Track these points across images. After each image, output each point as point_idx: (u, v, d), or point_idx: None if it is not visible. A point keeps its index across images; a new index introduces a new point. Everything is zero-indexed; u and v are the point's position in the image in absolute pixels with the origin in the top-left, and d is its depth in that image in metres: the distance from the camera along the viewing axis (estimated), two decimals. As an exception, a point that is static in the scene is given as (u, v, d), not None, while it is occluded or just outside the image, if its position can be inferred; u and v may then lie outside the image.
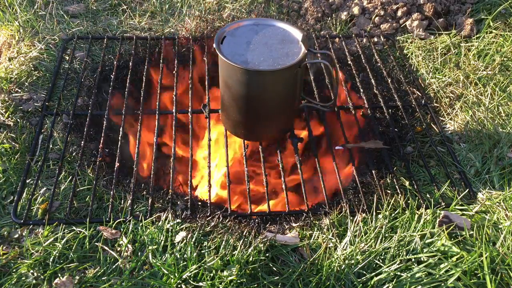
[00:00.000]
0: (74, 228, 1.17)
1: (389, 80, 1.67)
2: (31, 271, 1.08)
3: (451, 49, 1.75)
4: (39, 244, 1.13)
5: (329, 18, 1.95)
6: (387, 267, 1.07)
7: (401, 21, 1.90)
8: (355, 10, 1.93)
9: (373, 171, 1.35)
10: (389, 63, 1.77)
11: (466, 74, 1.65)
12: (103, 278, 1.06)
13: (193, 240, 1.13)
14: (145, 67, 1.66)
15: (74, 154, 1.39)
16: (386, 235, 1.15)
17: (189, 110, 1.53)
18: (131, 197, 1.26)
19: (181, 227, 1.17)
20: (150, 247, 1.11)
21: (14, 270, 1.08)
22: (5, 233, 1.17)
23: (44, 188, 1.28)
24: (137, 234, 1.16)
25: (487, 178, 1.34)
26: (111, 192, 1.27)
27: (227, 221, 1.22)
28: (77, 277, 1.07)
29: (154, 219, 1.20)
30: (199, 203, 1.30)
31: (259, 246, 1.11)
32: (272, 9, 1.97)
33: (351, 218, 1.20)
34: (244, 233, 1.16)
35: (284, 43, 1.25)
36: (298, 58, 1.20)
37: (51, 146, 1.40)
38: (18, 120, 1.46)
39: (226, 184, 1.30)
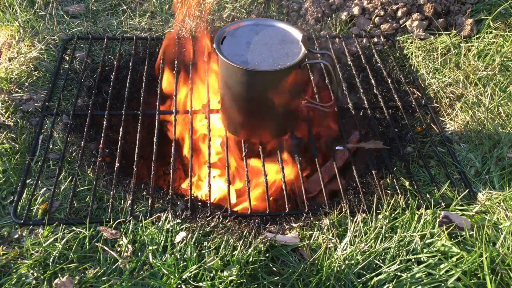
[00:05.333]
0: (74, 228, 1.17)
1: (389, 80, 1.67)
2: (31, 271, 1.08)
3: (451, 49, 1.75)
4: (39, 244, 1.13)
5: (329, 18, 1.95)
6: (387, 267, 1.07)
7: (401, 21, 1.90)
8: (355, 10, 1.93)
9: (373, 171, 1.35)
10: (389, 63, 1.77)
11: (466, 74, 1.65)
12: (103, 279, 1.06)
13: (193, 240, 1.13)
14: (145, 67, 1.67)
15: (74, 154, 1.39)
16: (386, 235, 1.15)
17: (189, 110, 1.53)
18: (131, 197, 1.26)
19: (181, 227, 1.17)
20: (150, 247, 1.11)
21: (14, 271, 1.08)
22: (5, 233, 1.17)
23: (44, 188, 1.28)
24: (137, 234, 1.16)
25: (487, 179, 1.34)
26: (111, 192, 1.27)
27: (227, 221, 1.22)
28: (77, 277, 1.07)
29: (154, 219, 1.20)
30: (199, 203, 1.30)
31: (259, 247, 1.11)
32: (272, 9, 1.97)
33: (351, 218, 1.20)
34: (244, 233, 1.16)
35: (284, 44, 1.25)
36: (298, 58, 1.20)
37: (51, 146, 1.40)
38: (18, 120, 1.46)
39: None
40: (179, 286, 1.05)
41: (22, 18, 1.81)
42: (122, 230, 1.17)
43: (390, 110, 1.58)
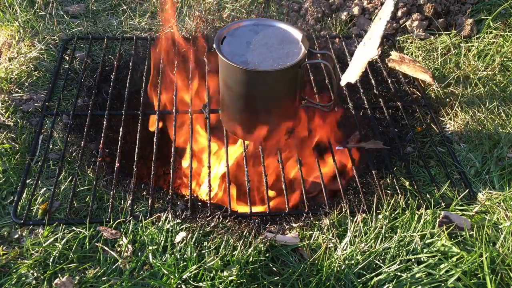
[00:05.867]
0: (74, 228, 1.17)
1: (389, 80, 1.67)
2: (31, 271, 1.08)
3: (451, 49, 1.75)
4: (39, 244, 1.13)
5: (329, 19, 1.95)
6: (387, 267, 1.07)
7: (401, 21, 1.90)
8: (355, 10, 1.93)
9: (373, 171, 1.35)
10: (389, 63, 1.77)
11: (466, 74, 1.65)
12: (103, 279, 1.07)
13: (193, 240, 1.13)
14: (145, 67, 1.67)
15: (74, 154, 1.39)
16: (386, 235, 1.15)
17: (189, 110, 1.53)
18: (131, 197, 1.26)
19: (181, 227, 1.17)
20: (150, 247, 1.11)
21: (14, 271, 1.08)
22: (5, 233, 1.17)
23: (44, 189, 1.28)
24: (137, 234, 1.16)
25: (487, 179, 1.34)
26: (111, 193, 1.27)
27: (227, 221, 1.22)
28: (77, 277, 1.07)
29: (154, 219, 1.20)
30: (199, 203, 1.30)
31: (259, 247, 1.11)
32: (272, 9, 1.97)
33: (351, 218, 1.20)
34: (244, 233, 1.16)
35: (284, 44, 1.25)
36: (298, 58, 1.20)
37: (51, 146, 1.40)
38: (18, 120, 1.46)
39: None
40: (179, 286, 1.05)
41: (22, 18, 1.81)
42: (122, 230, 1.17)
43: (390, 110, 1.58)
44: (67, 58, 1.71)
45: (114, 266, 1.09)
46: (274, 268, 1.09)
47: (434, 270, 1.07)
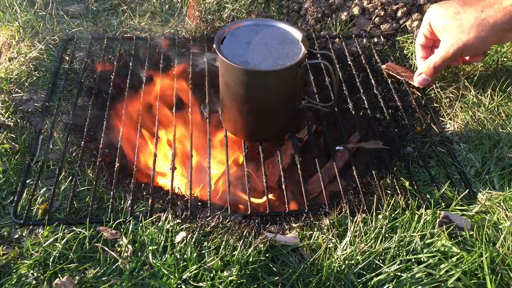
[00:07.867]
0: (74, 228, 1.17)
1: (389, 81, 1.67)
2: (31, 271, 1.08)
3: (451, 50, 1.75)
4: (39, 244, 1.13)
5: (329, 19, 1.95)
6: (387, 267, 1.07)
7: (401, 22, 1.90)
8: (355, 10, 1.93)
9: (373, 171, 1.35)
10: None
11: (466, 75, 1.65)
12: (103, 279, 1.06)
13: (193, 240, 1.13)
14: (145, 67, 1.67)
15: (74, 154, 1.39)
16: (386, 235, 1.15)
17: (189, 110, 1.53)
18: (131, 198, 1.26)
19: (181, 227, 1.17)
20: (150, 248, 1.11)
21: (14, 271, 1.08)
22: (5, 233, 1.17)
23: (44, 189, 1.28)
24: (137, 234, 1.16)
25: (487, 179, 1.34)
26: (111, 193, 1.27)
27: (227, 221, 1.22)
28: (77, 278, 1.07)
29: (154, 219, 1.20)
30: (199, 203, 1.30)
31: (259, 247, 1.11)
32: (272, 9, 1.97)
33: (351, 218, 1.20)
34: (244, 234, 1.16)
35: (284, 44, 1.25)
36: (298, 58, 1.20)
37: (51, 146, 1.40)
38: (18, 120, 1.46)
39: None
40: (179, 286, 1.05)
41: (22, 18, 1.81)
42: (122, 230, 1.17)
43: (390, 110, 1.58)
44: (67, 58, 1.71)
45: (114, 266, 1.09)
46: (274, 268, 1.09)
47: (434, 270, 1.07)
